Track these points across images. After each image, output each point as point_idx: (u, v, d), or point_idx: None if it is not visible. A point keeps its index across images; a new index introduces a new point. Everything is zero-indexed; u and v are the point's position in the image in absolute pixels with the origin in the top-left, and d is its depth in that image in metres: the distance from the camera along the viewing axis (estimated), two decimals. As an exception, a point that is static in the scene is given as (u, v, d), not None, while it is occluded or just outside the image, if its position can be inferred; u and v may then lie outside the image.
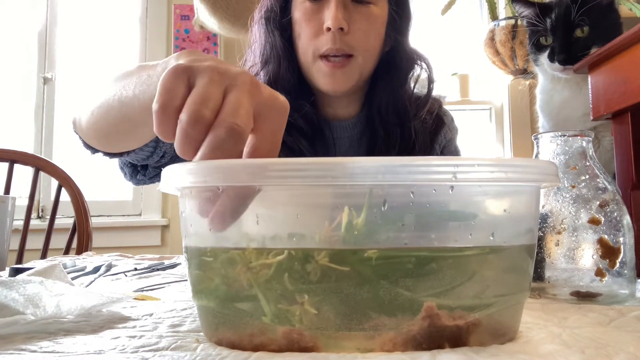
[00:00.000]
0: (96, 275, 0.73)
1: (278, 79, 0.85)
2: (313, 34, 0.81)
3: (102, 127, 0.63)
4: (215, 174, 0.32)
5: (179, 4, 2.40)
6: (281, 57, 0.85)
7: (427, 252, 0.31)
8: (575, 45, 1.00)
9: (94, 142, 0.69)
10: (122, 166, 0.80)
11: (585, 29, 1.00)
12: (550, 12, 1.04)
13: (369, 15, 0.82)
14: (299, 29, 0.83)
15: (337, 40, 0.79)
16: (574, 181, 0.51)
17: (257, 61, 0.89)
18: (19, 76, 2.37)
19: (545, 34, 1.05)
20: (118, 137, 0.65)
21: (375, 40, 0.84)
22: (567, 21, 1.01)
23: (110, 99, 0.58)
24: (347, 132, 0.91)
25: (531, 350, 0.32)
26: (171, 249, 2.26)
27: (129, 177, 0.81)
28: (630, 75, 0.77)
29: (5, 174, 1.42)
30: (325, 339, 0.31)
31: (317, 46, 0.81)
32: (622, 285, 0.49)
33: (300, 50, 0.84)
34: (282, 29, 0.85)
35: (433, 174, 0.30)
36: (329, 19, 0.78)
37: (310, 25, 0.81)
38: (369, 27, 0.82)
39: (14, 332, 0.38)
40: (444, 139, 0.95)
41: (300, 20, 0.83)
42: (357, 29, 0.80)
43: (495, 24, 2.09)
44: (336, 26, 0.78)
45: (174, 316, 0.43)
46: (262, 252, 0.32)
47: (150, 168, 0.78)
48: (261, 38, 0.88)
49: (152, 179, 0.80)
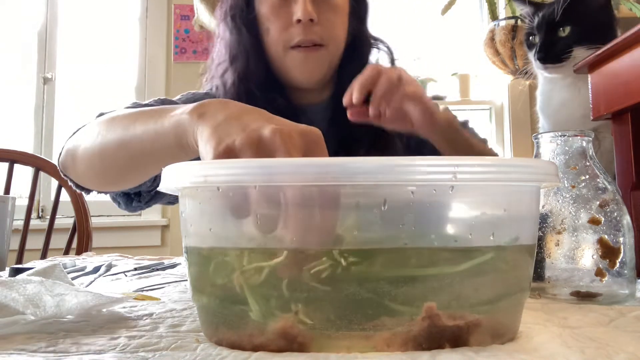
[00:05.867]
0: (96, 275, 0.73)
1: (247, 75, 0.86)
2: (282, 27, 0.82)
3: (106, 177, 0.65)
4: (215, 173, 0.32)
5: (179, 4, 2.40)
6: (249, 53, 0.86)
7: (427, 252, 0.31)
8: (557, 44, 1.00)
9: (94, 186, 0.70)
10: (114, 197, 0.79)
11: (566, 29, 0.99)
12: (539, 11, 1.05)
13: (334, 6, 0.85)
14: (267, 24, 0.84)
15: (307, 31, 0.81)
16: (574, 181, 0.51)
17: (224, 59, 0.89)
18: (19, 76, 2.37)
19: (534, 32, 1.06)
20: (124, 183, 0.66)
21: (341, 29, 0.87)
22: (550, 20, 1.01)
23: (114, 151, 0.59)
24: (321, 114, 0.91)
25: (531, 350, 0.32)
26: (171, 249, 2.26)
27: (124, 207, 0.80)
28: (630, 75, 0.77)
29: (5, 174, 1.42)
30: (325, 339, 0.31)
31: (288, 38, 0.82)
32: (622, 285, 0.49)
33: (269, 45, 0.85)
34: (248, 25, 0.86)
35: (433, 174, 0.30)
36: (299, 11, 0.80)
37: (279, 18, 0.83)
38: (335, 17, 0.85)
39: (14, 332, 0.38)
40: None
41: (267, 15, 0.84)
42: (325, 20, 0.83)
43: (495, 24, 2.09)
44: (306, 17, 0.80)
45: (174, 316, 0.43)
46: (262, 252, 0.32)
47: (144, 193, 0.78)
48: (227, 35, 0.89)
49: (148, 203, 0.80)
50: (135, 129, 0.56)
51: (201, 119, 0.46)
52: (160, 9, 2.42)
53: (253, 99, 0.84)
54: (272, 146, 0.39)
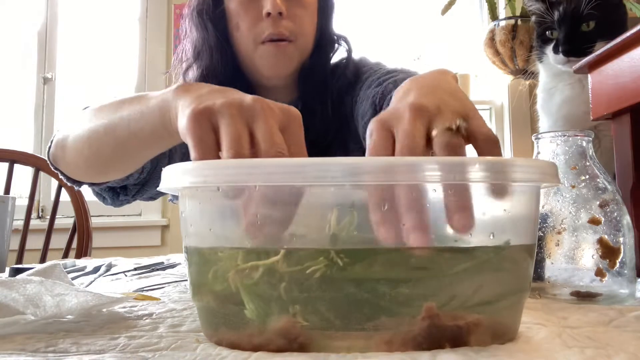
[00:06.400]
0: (96, 275, 0.73)
1: (211, 72, 0.85)
2: (252, 21, 0.82)
3: (95, 164, 0.64)
4: (215, 173, 0.32)
5: (179, 4, 2.40)
6: (213, 50, 0.85)
7: (427, 252, 0.31)
8: (580, 38, 1.02)
9: (84, 177, 0.69)
10: (99, 192, 0.78)
11: (591, 23, 1.02)
12: (559, 6, 1.07)
13: (303, 2, 0.85)
14: (237, 19, 0.83)
15: (277, 24, 0.81)
16: (574, 181, 0.51)
17: (188, 56, 0.89)
18: (19, 76, 2.37)
19: (552, 27, 1.07)
20: (114, 171, 0.66)
21: (310, 25, 0.87)
22: (575, 14, 1.03)
23: (101, 136, 0.59)
24: None
25: (531, 350, 0.32)
26: (171, 249, 2.26)
27: (110, 202, 0.79)
28: (630, 75, 0.77)
29: (5, 174, 1.42)
30: (325, 339, 0.31)
31: (257, 33, 0.82)
32: (622, 285, 0.49)
33: (239, 40, 0.85)
34: (215, 22, 0.85)
35: (433, 174, 0.30)
36: (268, 4, 0.80)
37: (248, 13, 0.82)
38: (304, 12, 0.85)
39: (14, 332, 0.38)
40: (364, 82, 0.89)
41: (236, 10, 0.83)
42: (294, 14, 0.83)
43: (495, 24, 2.09)
44: (276, 10, 0.80)
45: (174, 316, 0.43)
46: (261, 252, 0.32)
47: (130, 187, 0.77)
48: (193, 32, 0.88)
49: (134, 197, 0.79)
50: (122, 112, 0.56)
51: (184, 92, 0.46)
52: (160, 9, 2.42)
53: None
54: (252, 112, 0.40)
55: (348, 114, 0.88)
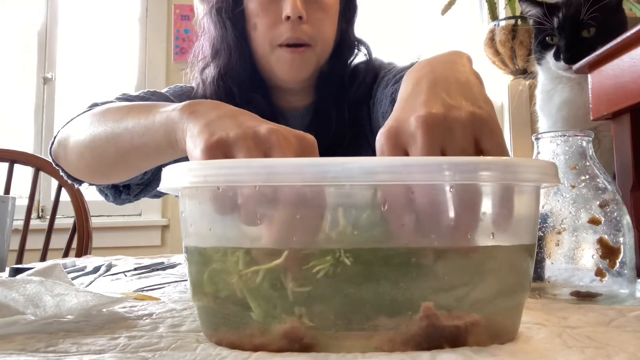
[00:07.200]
0: (96, 275, 0.73)
1: (229, 71, 0.84)
2: (270, 23, 0.81)
3: (96, 169, 0.65)
4: (215, 173, 0.32)
5: (179, 4, 2.40)
6: (232, 49, 0.84)
7: (426, 252, 0.31)
8: (582, 45, 1.01)
9: (84, 177, 0.69)
10: (102, 189, 0.77)
11: (591, 30, 1.02)
12: (558, 12, 1.06)
13: (325, 6, 0.83)
14: (255, 20, 0.82)
15: (296, 29, 0.79)
16: (574, 181, 0.51)
17: (206, 54, 0.88)
18: (19, 76, 2.37)
19: (552, 33, 1.06)
20: (114, 176, 0.66)
21: (330, 29, 0.85)
22: (575, 21, 1.03)
23: (103, 143, 0.59)
24: (300, 120, 0.90)
25: (531, 350, 0.32)
26: (171, 249, 2.26)
27: (112, 199, 0.79)
28: (630, 75, 0.77)
29: (5, 174, 1.42)
30: (325, 339, 0.31)
31: (275, 36, 0.80)
32: (622, 285, 0.49)
33: (256, 41, 0.83)
34: (234, 20, 0.84)
35: (433, 174, 0.30)
36: (288, 8, 0.78)
37: (267, 15, 0.81)
38: (325, 16, 0.83)
39: (14, 332, 0.38)
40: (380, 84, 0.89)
41: (256, 11, 0.82)
42: (314, 19, 0.81)
43: (495, 24, 2.09)
44: (296, 14, 0.78)
45: (174, 316, 0.43)
46: (262, 253, 0.32)
47: (133, 186, 0.77)
48: (211, 30, 0.87)
49: (137, 196, 0.79)
50: (126, 123, 0.56)
51: (192, 115, 0.46)
52: (160, 9, 2.42)
53: (232, 98, 0.83)
54: (268, 144, 0.40)
55: (364, 117, 0.87)
